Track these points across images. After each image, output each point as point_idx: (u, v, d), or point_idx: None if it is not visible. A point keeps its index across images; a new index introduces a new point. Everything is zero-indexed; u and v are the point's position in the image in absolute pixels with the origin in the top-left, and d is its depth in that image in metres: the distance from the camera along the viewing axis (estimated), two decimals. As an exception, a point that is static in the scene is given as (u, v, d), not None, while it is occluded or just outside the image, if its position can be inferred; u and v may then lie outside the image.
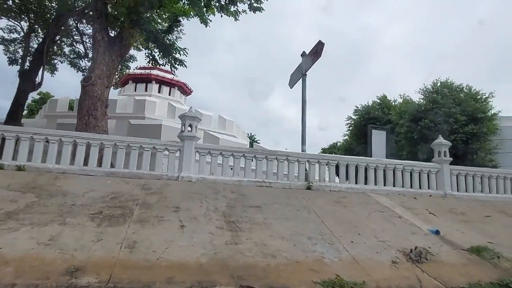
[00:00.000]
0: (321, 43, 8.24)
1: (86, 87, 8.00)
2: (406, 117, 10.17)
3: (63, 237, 4.08)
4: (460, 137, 9.05)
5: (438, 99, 9.74)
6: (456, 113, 9.15)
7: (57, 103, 23.22)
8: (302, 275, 3.87)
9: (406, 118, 10.16)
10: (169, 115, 25.97)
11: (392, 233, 5.44)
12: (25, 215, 4.52)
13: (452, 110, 9.18)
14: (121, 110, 25.42)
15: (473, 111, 9.42)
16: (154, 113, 24.18)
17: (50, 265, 3.48)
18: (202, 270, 3.72)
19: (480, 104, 9.69)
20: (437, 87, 10.29)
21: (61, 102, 23.67)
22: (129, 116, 23.84)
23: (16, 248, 3.71)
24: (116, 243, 4.08)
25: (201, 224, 4.90)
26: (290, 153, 7.52)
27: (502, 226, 6.52)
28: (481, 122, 9.40)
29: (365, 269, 4.21)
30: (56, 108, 22.94)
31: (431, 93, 10.26)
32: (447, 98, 9.53)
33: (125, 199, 5.43)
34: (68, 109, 24.37)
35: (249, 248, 4.35)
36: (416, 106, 10.22)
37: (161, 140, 7.18)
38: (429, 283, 4.06)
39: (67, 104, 24.76)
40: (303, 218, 5.62)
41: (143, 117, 22.89)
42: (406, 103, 10.97)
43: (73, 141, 6.43)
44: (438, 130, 8.91)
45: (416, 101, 10.68)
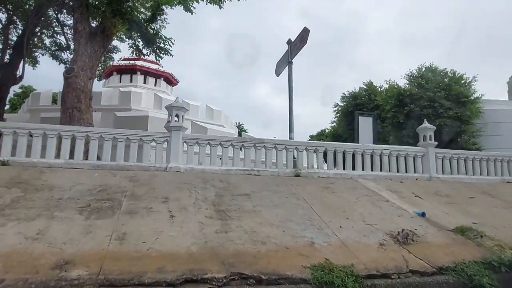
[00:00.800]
0: (306, 30, 8.20)
1: (69, 79, 7.82)
2: (392, 102, 10.30)
3: (51, 231, 4.04)
4: (445, 121, 9.22)
5: (423, 83, 9.87)
6: (440, 98, 9.31)
7: (40, 97, 22.72)
8: (292, 260, 3.93)
9: (392, 104, 10.29)
10: (155, 106, 25.66)
11: (379, 217, 5.55)
12: (11, 210, 4.46)
13: (437, 95, 9.32)
14: (106, 102, 25.04)
15: (457, 95, 9.58)
16: (140, 105, 23.86)
17: (39, 260, 3.45)
18: (192, 259, 3.75)
19: (464, 88, 9.86)
20: (422, 72, 10.42)
21: (44, 95, 23.16)
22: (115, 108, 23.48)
23: (3, 244, 3.66)
24: (105, 235, 4.07)
25: (191, 213, 4.91)
26: (277, 141, 7.55)
27: (485, 206, 6.72)
28: (464, 106, 9.59)
29: (353, 252, 4.30)
30: (39, 102, 22.47)
31: (416, 78, 10.39)
32: (432, 82, 9.66)
33: (113, 191, 5.39)
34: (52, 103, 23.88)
35: (239, 236, 4.39)
36: (402, 91, 10.35)
37: (148, 131, 7.08)
38: (415, 263, 4.17)
39: (50, 98, 24.25)
40: (292, 205, 5.68)
41: (129, 108, 22.57)
42: (392, 88, 11.07)
43: (57, 134, 6.32)
44: (423, 115, 9.09)
45: (402, 86, 10.81)
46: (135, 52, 9.26)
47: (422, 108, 9.36)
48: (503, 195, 7.58)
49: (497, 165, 8.95)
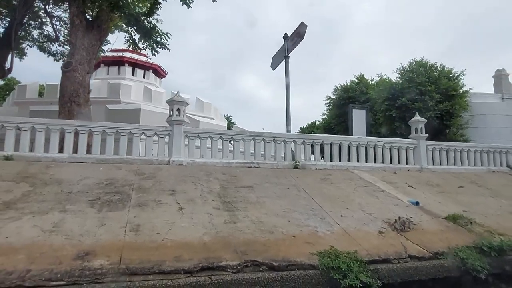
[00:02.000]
0: (303, 25, 8.36)
1: (67, 73, 7.80)
2: (384, 95, 10.60)
3: (66, 223, 4.16)
4: (435, 114, 9.57)
5: (414, 77, 10.19)
6: (431, 91, 9.64)
7: (26, 89, 22.31)
8: (299, 248, 4.16)
9: (384, 97, 10.59)
10: (145, 98, 25.47)
11: (377, 206, 5.83)
12: (23, 204, 4.54)
13: (428, 88, 9.66)
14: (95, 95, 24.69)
15: (447, 89, 9.94)
16: (130, 97, 23.65)
17: (60, 251, 3.58)
18: (206, 248, 3.93)
19: (453, 82, 10.24)
20: (412, 66, 10.73)
21: (31, 88, 22.75)
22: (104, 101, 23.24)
23: (22, 236, 3.77)
24: (119, 227, 4.21)
25: (198, 205, 5.08)
26: (276, 134, 7.75)
27: (474, 195, 7.09)
28: (453, 99, 9.97)
29: (355, 239, 4.55)
30: (25, 95, 22.07)
31: (407, 72, 10.70)
32: (423, 76, 9.98)
33: (120, 184, 5.51)
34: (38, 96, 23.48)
35: (247, 225, 4.60)
36: (394, 84, 10.65)
37: (150, 125, 7.18)
38: (413, 249, 4.45)
39: (37, 90, 23.83)
40: (294, 196, 5.91)
41: (119, 101, 22.38)
42: (384, 82, 11.37)
43: (60, 128, 6.35)
44: (415, 108, 9.42)
45: (394, 80, 11.12)
46: (131, 46, 9.25)
47: (413, 101, 9.69)
48: (490, 185, 7.99)
49: (483, 156, 9.37)
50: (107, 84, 24.78)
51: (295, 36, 8.62)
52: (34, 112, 19.39)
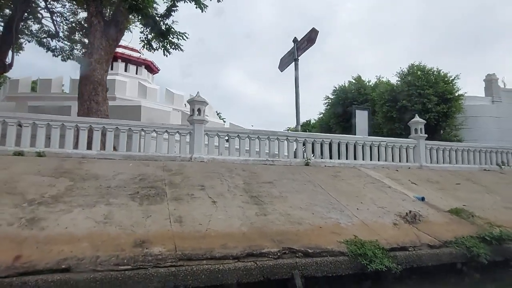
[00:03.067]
0: (315, 31, 8.79)
1: (88, 73, 8.04)
2: (385, 97, 11.17)
3: (115, 215, 4.50)
4: (433, 115, 10.18)
5: (413, 81, 10.79)
6: (429, 94, 10.25)
7: (19, 84, 22.09)
8: (327, 237, 4.61)
9: (385, 99, 11.16)
10: (140, 95, 25.48)
11: (387, 201, 6.34)
12: (69, 198, 4.85)
13: (426, 92, 10.26)
14: None
15: (443, 92, 10.59)
16: (124, 93, 23.63)
17: (118, 239, 3.94)
18: (246, 237, 4.35)
19: (449, 86, 10.89)
20: (412, 70, 11.34)
21: (23, 82, 22.53)
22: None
23: (79, 227, 4.11)
24: (164, 218, 4.58)
25: (229, 199, 5.48)
26: (289, 133, 8.18)
27: (470, 191, 7.68)
28: (450, 102, 10.61)
29: (373, 230, 5.03)
30: (17, 89, 21.84)
31: (406, 75, 11.30)
32: (422, 80, 10.59)
33: (152, 179, 5.85)
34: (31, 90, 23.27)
35: (277, 218, 5.02)
36: (394, 87, 11.23)
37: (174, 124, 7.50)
38: (425, 238, 4.96)
39: (29, 85, 23.62)
40: (311, 191, 6.36)
41: (114, 97, 22.34)
42: (384, 84, 11.96)
43: (89, 126, 6.62)
44: (414, 110, 10.00)
45: (394, 83, 11.71)
46: (145, 46, 9.49)
47: (413, 103, 10.28)
48: (483, 182, 8.62)
49: (476, 155, 10.03)
50: None
51: (306, 40, 9.04)
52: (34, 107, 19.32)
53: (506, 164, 10.19)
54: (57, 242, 3.71)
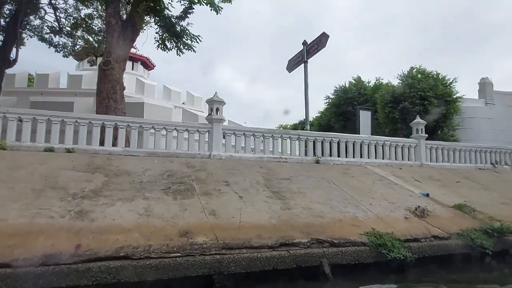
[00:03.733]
0: (325, 35, 9.15)
1: (106, 71, 8.27)
2: (388, 99, 11.65)
3: (155, 209, 4.82)
4: (433, 117, 10.71)
5: (414, 84, 11.28)
6: (430, 97, 10.77)
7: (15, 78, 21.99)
8: (348, 229, 5.02)
9: (387, 100, 11.64)
10: (137, 91, 25.52)
11: (396, 197, 6.78)
12: (108, 192, 5.15)
13: (427, 94, 10.78)
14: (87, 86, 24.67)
15: (443, 94, 11.12)
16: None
17: (164, 230, 4.27)
18: (277, 229, 4.72)
19: (447, 89, 11.43)
20: (412, 73, 11.84)
21: (19, 77, 22.43)
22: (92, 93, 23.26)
23: (126, 219, 4.43)
24: (199, 211, 4.93)
25: (253, 194, 5.84)
26: (301, 132, 8.56)
27: (469, 188, 8.18)
28: (449, 104, 11.16)
29: (388, 223, 5.45)
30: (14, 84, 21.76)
31: (407, 78, 11.79)
32: (422, 83, 11.10)
33: (180, 175, 6.17)
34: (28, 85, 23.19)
35: (300, 211, 5.41)
36: (396, 89, 11.72)
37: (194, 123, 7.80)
38: (434, 231, 5.40)
39: (26, 80, 23.53)
40: (326, 187, 6.77)
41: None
42: (386, 86, 12.46)
43: (114, 124, 6.88)
44: (415, 111, 10.50)
45: (395, 85, 12.21)
46: (160, 46, 9.71)
47: (414, 105, 10.78)
48: (480, 180, 9.15)
49: (472, 155, 10.57)
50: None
51: (316, 44, 9.41)
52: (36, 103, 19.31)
53: (499, 163, 10.77)
54: (109, 233, 4.03)
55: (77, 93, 23.24)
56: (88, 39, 19.14)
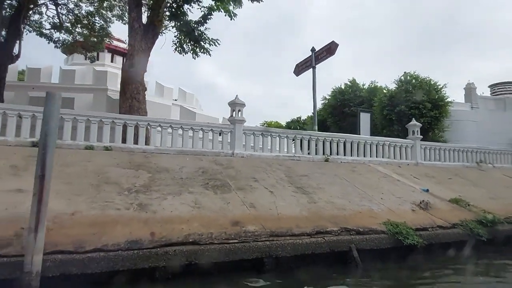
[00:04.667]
0: (334, 43, 9.83)
1: (132, 73, 8.69)
2: (385, 102, 12.51)
3: (202, 202, 5.40)
4: (427, 120, 11.62)
5: (409, 89, 12.18)
6: (424, 101, 11.67)
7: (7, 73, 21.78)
8: (368, 220, 5.73)
9: (385, 103, 12.50)
10: None
11: (401, 192, 7.57)
12: (157, 187, 5.68)
13: (422, 99, 11.69)
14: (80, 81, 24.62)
15: (436, 99, 12.07)
16: (116, 85, 23.70)
17: (218, 220, 4.86)
18: (309, 220, 5.39)
19: (439, 94, 12.39)
20: (407, 79, 12.75)
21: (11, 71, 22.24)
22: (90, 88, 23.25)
23: (181, 211, 4.99)
24: (240, 204, 5.53)
25: (281, 189, 6.48)
26: (312, 133, 9.24)
27: (461, 185, 9.09)
28: (441, 108, 12.13)
29: (399, 215, 6.20)
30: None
31: (403, 83, 12.68)
32: (417, 88, 12.01)
33: (212, 172, 6.74)
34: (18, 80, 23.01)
35: (325, 205, 6.10)
36: (393, 93, 12.60)
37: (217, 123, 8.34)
38: (438, 221, 6.19)
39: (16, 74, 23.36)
40: (340, 183, 7.48)
41: (105, 89, 22.52)
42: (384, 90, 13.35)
43: (147, 124, 7.35)
44: (411, 114, 11.39)
45: (391, 89, 13.10)
46: (177, 49, 10.13)
47: (410, 108, 11.67)
48: (468, 177, 10.10)
49: (460, 154, 11.55)
50: (93, 71, 24.47)
51: (325, 51, 10.08)
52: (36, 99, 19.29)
53: (483, 162, 11.81)
54: (173, 222, 4.60)
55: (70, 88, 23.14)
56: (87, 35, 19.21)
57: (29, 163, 5.64)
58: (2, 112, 6.48)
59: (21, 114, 6.49)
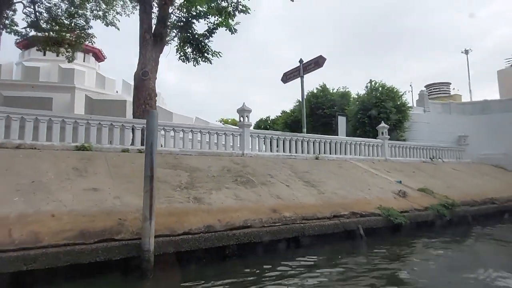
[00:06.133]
0: (322, 58, 11.25)
1: (145, 81, 9.39)
2: (359, 106, 14.33)
3: (240, 195, 6.50)
4: (392, 122, 13.60)
5: (379, 96, 14.11)
6: (390, 107, 13.63)
7: None
8: (365, 206, 7.21)
9: (358, 107, 14.32)
10: (98, 85, 25.41)
11: (382, 183, 9.22)
12: (199, 184, 6.66)
13: (389, 104, 13.62)
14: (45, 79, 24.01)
15: (399, 105, 14.12)
16: (83, 83, 23.44)
17: (261, 209, 6.01)
18: (325, 207, 6.73)
19: (402, 100, 14.51)
20: (375, 86, 14.71)
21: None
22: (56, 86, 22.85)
23: (229, 203, 6.06)
24: (269, 196, 6.72)
25: (293, 183, 7.76)
26: (305, 135, 10.61)
27: (423, 177, 11.03)
28: (403, 112, 14.21)
29: (386, 201, 7.75)
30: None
31: (372, 90, 14.61)
32: (384, 95, 13.96)
33: (235, 170, 7.82)
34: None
35: (331, 195, 7.49)
36: (365, 99, 14.47)
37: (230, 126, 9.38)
38: (415, 206, 7.84)
39: None
40: (335, 177, 8.94)
41: (73, 87, 22.28)
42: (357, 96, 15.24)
43: (172, 128, 8.19)
44: (380, 118, 13.26)
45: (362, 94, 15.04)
46: (181, 58, 10.90)
47: (379, 113, 13.55)
48: (426, 170, 12.15)
49: (418, 151, 13.68)
50: (58, 68, 23.86)
51: (313, 63, 11.46)
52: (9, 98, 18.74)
53: (435, 158, 14.07)
54: (228, 212, 5.68)
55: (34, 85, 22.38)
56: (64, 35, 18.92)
57: (86, 165, 6.37)
58: (47, 119, 7.00)
59: (65, 121, 7.06)
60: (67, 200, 4.99)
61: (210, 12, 9.55)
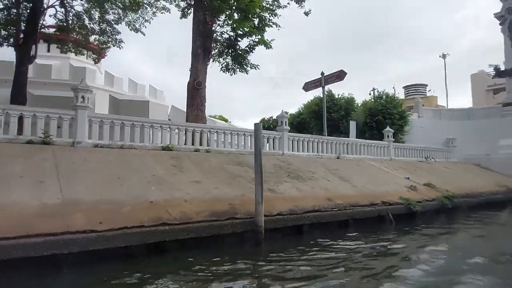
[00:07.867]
0: (343, 72, 12.93)
1: (199, 90, 10.84)
2: (367, 112, 16.21)
3: (298, 187, 8.11)
4: (395, 127, 15.53)
5: (383, 103, 16.01)
6: (394, 113, 15.54)
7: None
8: (390, 196, 8.95)
9: (366, 113, 16.20)
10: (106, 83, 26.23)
11: (395, 179, 11.03)
12: (265, 178, 8.19)
13: (393, 111, 15.53)
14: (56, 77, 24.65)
15: (401, 112, 16.09)
16: (94, 82, 24.24)
17: (318, 198, 7.62)
18: (361, 197, 8.39)
19: (402, 108, 16.50)
20: (380, 95, 16.64)
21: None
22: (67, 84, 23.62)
23: (293, 193, 7.65)
24: (319, 188, 8.35)
25: (331, 178, 9.40)
26: (329, 138, 12.32)
27: (423, 174, 12.91)
28: (404, 118, 16.20)
29: (403, 194, 9.51)
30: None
31: (378, 98, 16.53)
32: (389, 103, 15.87)
33: (284, 167, 9.39)
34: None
35: (362, 188, 9.19)
36: (372, 106, 16.37)
37: (270, 131, 10.96)
38: (425, 197, 9.66)
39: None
40: (358, 174, 10.66)
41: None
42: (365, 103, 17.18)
43: (216, 131, 9.70)
44: (386, 123, 15.14)
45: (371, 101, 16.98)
46: (223, 69, 12.35)
47: (384, 118, 15.42)
48: (424, 168, 14.06)
49: (415, 152, 15.63)
50: (69, 67, 24.46)
51: (335, 76, 13.12)
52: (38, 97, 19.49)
53: (429, 158, 16.10)
54: (297, 200, 7.28)
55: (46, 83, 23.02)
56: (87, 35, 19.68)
57: (180, 163, 7.84)
58: (131, 124, 8.39)
59: (154, 126, 8.48)
60: (186, 189, 6.48)
61: (253, 32, 11.06)
